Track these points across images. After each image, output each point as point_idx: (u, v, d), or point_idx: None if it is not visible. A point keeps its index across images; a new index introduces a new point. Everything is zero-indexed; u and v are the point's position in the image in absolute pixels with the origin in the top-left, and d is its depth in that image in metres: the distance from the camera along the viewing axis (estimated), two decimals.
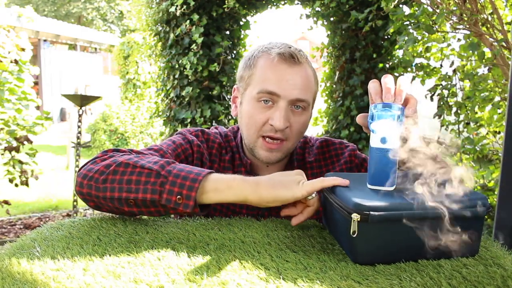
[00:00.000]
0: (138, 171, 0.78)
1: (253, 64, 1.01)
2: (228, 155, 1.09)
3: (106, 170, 0.80)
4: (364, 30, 2.92)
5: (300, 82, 0.98)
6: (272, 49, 1.00)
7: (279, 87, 0.96)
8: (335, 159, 1.12)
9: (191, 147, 1.04)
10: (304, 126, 1.02)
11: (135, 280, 0.60)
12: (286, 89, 0.96)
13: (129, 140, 7.23)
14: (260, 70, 0.99)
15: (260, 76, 0.99)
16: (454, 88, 2.57)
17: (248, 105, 1.00)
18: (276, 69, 0.97)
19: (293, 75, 0.97)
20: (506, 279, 0.59)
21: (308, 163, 1.11)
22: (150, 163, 0.80)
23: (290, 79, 0.97)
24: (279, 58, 0.98)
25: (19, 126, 3.12)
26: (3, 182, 3.35)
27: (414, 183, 0.68)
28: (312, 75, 1.02)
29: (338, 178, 0.75)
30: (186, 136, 1.06)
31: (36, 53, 10.21)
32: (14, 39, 3.25)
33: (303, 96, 0.98)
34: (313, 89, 1.02)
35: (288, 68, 0.97)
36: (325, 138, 1.16)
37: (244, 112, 1.02)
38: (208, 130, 1.12)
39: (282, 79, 0.96)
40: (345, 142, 1.15)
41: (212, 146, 1.08)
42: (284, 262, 0.66)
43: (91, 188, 0.80)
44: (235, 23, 3.86)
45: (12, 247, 0.72)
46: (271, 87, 0.96)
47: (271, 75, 0.97)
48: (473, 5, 2.04)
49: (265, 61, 0.99)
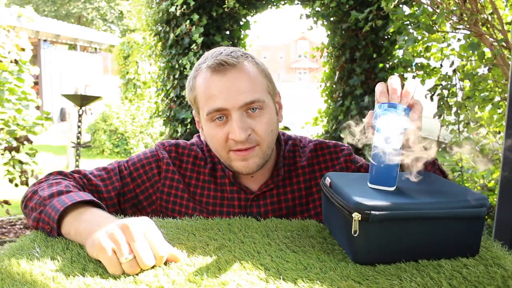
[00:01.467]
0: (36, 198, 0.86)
1: (193, 86, 0.96)
2: (208, 166, 1.04)
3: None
4: (364, 30, 2.92)
5: (242, 85, 0.90)
6: (203, 64, 0.94)
7: (222, 101, 0.90)
8: (330, 164, 1.05)
9: (157, 166, 1.03)
10: (270, 124, 0.94)
11: (135, 280, 0.60)
12: (230, 98, 0.90)
13: (129, 140, 7.23)
14: (199, 91, 0.94)
15: (202, 97, 0.94)
16: (454, 88, 2.57)
17: (207, 128, 0.96)
18: (212, 84, 0.91)
19: (231, 82, 0.90)
20: (507, 279, 0.59)
21: (301, 168, 1.04)
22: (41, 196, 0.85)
23: (230, 87, 0.90)
24: (210, 72, 0.92)
25: (19, 126, 3.12)
26: (3, 182, 3.35)
27: (415, 181, 0.68)
28: (254, 70, 0.94)
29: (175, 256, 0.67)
30: (157, 153, 1.05)
31: (36, 53, 10.20)
32: (14, 39, 3.24)
33: (251, 98, 0.90)
34: (261, 83, 0.94)
35: (222, 77, 0.91)
36: (319, 141, 1.09)
37: (206, 135, 0.98)
38: (184, 143, 1.07)
39: (221, 91, 0.90)
40: (340, 145, 1.08)
41: (188, 160, 1.05)
42: (284, 262, 0.66)
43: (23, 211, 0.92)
44: (235, 23, 3.87)
45: (11, 247, 0.72)
46: (216, 104, 0.90)
47: (210, 92, 0.91)
48: (473, 5, 2.04)
49: (200, 80, 0.94)
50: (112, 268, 0.62)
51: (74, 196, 0.81)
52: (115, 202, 1.01)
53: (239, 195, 1.01)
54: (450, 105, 2.57)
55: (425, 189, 0.72)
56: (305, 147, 1.08)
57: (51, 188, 0.87)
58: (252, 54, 0.98)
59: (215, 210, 1.02)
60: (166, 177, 1.03)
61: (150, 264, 0.62)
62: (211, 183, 1.03)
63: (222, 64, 0.90)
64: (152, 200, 1.03)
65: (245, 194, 1.01)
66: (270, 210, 1.01)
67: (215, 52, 0.96)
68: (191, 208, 1.02)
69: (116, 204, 1.01)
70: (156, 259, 0.64)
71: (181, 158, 1.05)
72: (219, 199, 1.02)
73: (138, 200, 1.03)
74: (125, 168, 1.04)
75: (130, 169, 1.04)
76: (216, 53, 0.94)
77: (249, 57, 0.96)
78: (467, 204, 0.66)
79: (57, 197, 0.82)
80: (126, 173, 1.03)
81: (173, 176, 1.03)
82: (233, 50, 0.95)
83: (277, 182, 1.02)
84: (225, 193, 1.02)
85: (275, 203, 1.02)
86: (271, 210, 1.01)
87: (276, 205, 1.02)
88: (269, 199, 1.02)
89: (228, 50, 0.95)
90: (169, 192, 1.03)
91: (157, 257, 0.64)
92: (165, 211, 1.03)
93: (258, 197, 1.02)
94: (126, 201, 1.02)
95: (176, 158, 1.05)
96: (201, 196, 1.03)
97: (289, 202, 1.02)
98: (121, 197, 1.02)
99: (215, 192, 1.03)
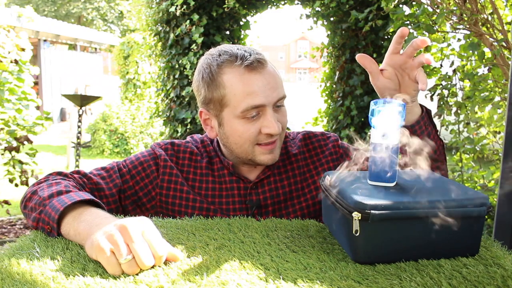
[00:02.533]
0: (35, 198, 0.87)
1: (219, 84, 0.96)
2: (204, 160, 1.08)
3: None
4: (364, 30, 2.92)
5: (274, 82, 0.97)
6: (232, 62, 0.95)
7: (262, 98, 0.94)
8: (319, 151, 1.11)
9: (155, 163, 1.06)
10: (287, 117, 1.03)
11: (134, 280, 0.60)
12: (268, 96, 0.95)
13: (129, 140, 7.23)
14: (233, 89, 0.95)
15: (237, 95, 0.94)
16: (454, 88, 2.57)
17: (234, 125, 0.97)
18: (251, 82, 0.94)
19: (267, 80, 0.95)
20: (506, 279, 0.59)
21: (293, 156, 1.10)
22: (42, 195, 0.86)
23: (267, 85, 0.95)
24: (248, 70, 0.94)
25: (19, 126, 3.12)
26: (3, 182, 3.35)
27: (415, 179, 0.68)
28: (274, 68, 1.01)
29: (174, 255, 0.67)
30: (154, 151, 1.08)
31: (36, 53, 10.20)
32: (14, 39, 3.25)
33: (282, 94, 0.98)
34: (281, 80, 1.01)
35: (260, 75, 0.95)
36: (306, 131, 1.15)
37: (230, 133, 0.99)
38: (179, 141, 1.11)
39: (261, 89, 0.94)
40: (326, 133, 1.14)
41: (184, 157, 1.08)
42: (284, 262, 0.66)
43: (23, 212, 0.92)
44: (235, 23, 3.87)
45: (11, 247, 0.72)
46: (256, 101, 0.94)
47: (251, 89, 0.94)
48: (473, 5, 2.04)
49: (234, 78, 0.95)
50: (112, 269, 0.62)
51: (74, 196, 0.82)
52: (117, 198, 1.03)
53: (238, 185, 1.06)
54: (450, 105, 2.56)
55: (425, 188, 0.72)
56: (295, 138, 1.15)
57: (50, 188, 0.87)
58: None
59: (215, 201, 1.04)
60: (164, 173, 1.05)
61: (150, 264, 0.63)
62: (209, 176, 1.07)
63: (260, 62, 0.95)
64: (152, 196, 1.05)
65: (244, 183, 1.06)
66: (268, 197, 1.05)
67: (237, 50, 0.97)
68: (191, 200, 1.04)
69: (118, 201, 1.03)
70: (155, 259, 0.64)
71: (178, 155, 1.09)
72: (217, 190, 1.06)
73: (138, 197, 1.05)
74: (123, 166, 1.06)
75: (128, 167, 1.06)
76: (242, 52, 0.96)
77: (266, 56, 1.02)
78: (467, 204, 0.66)
79: (56, 197, 0.82)
80: (125, 171, 1.05)
81: (171, 171, 1.06)
82: (253, 48, 0.99)
83: (273, 170, 1.07)
84: (224, 184, 1.06)
85: (272, 190, 1.06)
86: (270, 197, 1.06)
87: (274, 192, 1.06)
88: (267, 186, 1.06)
89: (250, 49, 0.99)
90: (169, 187, 1.05)
91: (156, 257, 0.64)
92: (165, 205, 1.05)
93: (257, 185, 1.06)
94: (126, 198, 1.04)
95: (172, 155, 1.08)
96: (199, 189, 1.06)
97: (286, 188, 1.07)
98: (122, 193, 1.04)
99: (213, 183, 1.06)
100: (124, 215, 0.93)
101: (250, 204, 1.04)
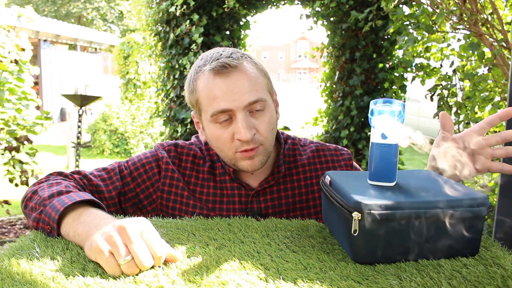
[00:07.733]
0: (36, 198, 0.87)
1: (194, 88, 0.97)
2: (206, 164, 1.06)
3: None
4: (364, 30, 2.92)
5: (245, 85, 0.92)
6: (203, 66, 0.95)
7: (227, 102, 0.91)
8: (331, 165, 1.08)
9: (157, 166, 1.04)
10: (271, 123, 0.97)
11: (134, 280, 0.60)
12: (234, 100, 0.91)
13: (129, 140, 7.23)
14: (202, 93, 0.95)
15: (205, 99, 0.94)
16: (454, 88, 2.57)
17: (210, 129, 0.97)
18: (215, 86, 0.92)
19: (234, 83, 0.91)
20: (506, 279, 0.59)
21: (301, 166, 1.07)
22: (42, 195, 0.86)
23: (233, 89, 0.91)
24: (213, 74, 0.93)
25: (19, 126, 3.12)
26: (3, 182, 3.35)
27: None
28: (254, 70, 0.95)
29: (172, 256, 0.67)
30: (157, 153, 1.06)
31: (36, 53, 10.20)
32: (14, 39, 3.24)
33: (254, 98, 0.92)
34: (261, 83, 0.96)
35: (225, 79, 0.92)
36: (320, 143, 1.12)
37: (209, 137, 0.99)
38: (183, 143, 1.09)
39: (225, 93, 0.91)
40: (339, 149, 1.11)
41: (187, 159, 1.06)
42: (284, 262, 0.66)
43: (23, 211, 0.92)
44: (235, 23, 3.86)
45: (11, 247, 0.72)
46: (220, 106, 0.92)
47: (214, 94, 0.92)
48: (473, 5, 2.04)
49: (202, 82, 0.94)
50: (111, 270, 0.62)
51: (74, 196, 0.82)
52: (116, 201, 1.02)
53: (239, 192, 1.03)
54: (450, 105, 2.56)
55: (425, 188, 0.72)
56: (306, 146, 1.11)
57: (51, 188, 0.87)
58: (249, 54, 0.99)
59: (215, 207, 1.03)
60: (166, 176, 1.04)
61: (149, 265, 0.63)
62: (211, 181, 1.05)
63: (224, 66, 0.92)
64: (153, 199, 1.04)
65: (245, 190, 1.03)
66: (270, 206, 1.03)
67: (214, 54, 0.96)
68: (191, 205, 1.03)
69: (117, 204, 1.02)
70: (154, 259, 0.64)
71: (180, 157, 1.07)
72: (218, 196, 1.04)
73: (139, 199, 1.04)
74: (125, 168, 1.05)
75: (130, 169, 1.05)
76: (216, 55, 0.95)
77: (248, 57, 0.97)
78: (467, 204, 0.66)
79: (57, 197, 0.82)
80: (126, 172, 1.04)
81: (173, 175, 1.04)
82: (232, 52, 0.96)
83: (277, 179, 1.04)
84: (225, 190, 1.03)
85: (275, 199, 1.03)
86: (271, 206, 1.03)
87: (276, 201, 1.03)
88: (269, 195, 1.03)
89: (227, 52, 0.96)
90: (170, 191, 1.04)
91: (155, 257, 0.64)
92: (165, 209, 1.04)
93: (259, 193, 1.03)
94: (126, 201, 1.03)
95: (175, 158, 1.06)
96: (200, 194, 1.04)
97: (289, 199, 1.04)
98: (122, 196, 1.03)
99: (214, 189, 1.04)
100: (124, 216, 0.93)
101: (251, 212, 1.02)
